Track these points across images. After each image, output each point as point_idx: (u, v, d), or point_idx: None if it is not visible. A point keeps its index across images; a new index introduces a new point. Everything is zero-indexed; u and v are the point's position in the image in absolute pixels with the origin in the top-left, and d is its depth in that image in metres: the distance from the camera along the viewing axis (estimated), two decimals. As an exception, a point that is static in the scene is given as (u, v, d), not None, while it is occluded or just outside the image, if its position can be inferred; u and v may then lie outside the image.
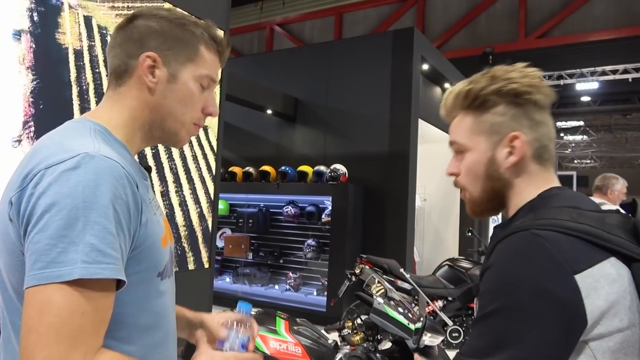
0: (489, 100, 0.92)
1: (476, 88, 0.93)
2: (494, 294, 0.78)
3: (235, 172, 6.78)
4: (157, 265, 0.89)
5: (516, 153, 0.90)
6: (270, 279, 6.49)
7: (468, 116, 0.95)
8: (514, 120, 0.91)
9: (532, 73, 0.92)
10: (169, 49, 0.91)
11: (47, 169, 0.75)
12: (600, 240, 0.77)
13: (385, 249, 5.78)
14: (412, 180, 6.01)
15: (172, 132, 0.95)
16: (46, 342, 0.68)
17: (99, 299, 0.73)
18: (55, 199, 0.72)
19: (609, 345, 0.75)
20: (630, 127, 18.68)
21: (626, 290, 0.76)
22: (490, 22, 10.20)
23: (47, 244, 0.71)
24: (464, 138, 0.95)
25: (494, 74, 0.93)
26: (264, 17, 12.51)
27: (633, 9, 8.89)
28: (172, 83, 0.92)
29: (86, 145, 0.79)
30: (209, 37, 0.95)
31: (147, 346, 0.86)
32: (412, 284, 3.24)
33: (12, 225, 0.76)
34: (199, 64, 0.94)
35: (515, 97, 0.91)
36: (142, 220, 0.83)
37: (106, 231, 0.73)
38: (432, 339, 2.36)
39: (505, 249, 0.81)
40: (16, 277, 0.78)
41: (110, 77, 0.94)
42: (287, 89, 6.84)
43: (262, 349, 2.37)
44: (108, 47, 0.95)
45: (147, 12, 0.93)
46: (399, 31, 6.37)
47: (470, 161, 0.95)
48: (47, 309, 0.69)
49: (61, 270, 0.70)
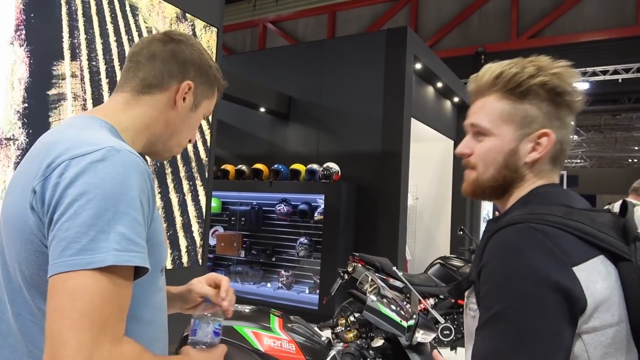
0: (532, 91, 0.88)
1: (522, 75, 0.88)
2: (500, 291, 0.77)
3: (227, 170, 6.77)
4: (161, 260, 0.92)
5: (540, 150, 0.89)
6: (262, 277, 6.49)
7: (503, 101, 0.91)
8: (548, 117, 0.89)
9: (575, 75, 0.89)
10: (201, 83, 1.03)
11: (72, 159, 0.77)
12: (592, 237, 0.79)
13: (377, 247, 5.80)
14: (405, 178, 6.04)
15: (170, 148, 1.04)
16: (79, 327, 0.69)
17: (124, 287, 0.75)
18: (85, 189, 0.74)
19: (601, 340, 0.76)
20: (619, 127, 18.88)
21: (615, 287, 0.78)
22: (482, 22, 10.27)
23: (78, 232, 0.72)
24: (490, 123, 0.91)
25: (540, 65, 0.89)
26: (257, 15, 12.48)
27: (623, 11, 9.00)
28: (192, 112, 1.03)
29: (108, 140, 0.82)
30: (221, 83, 1.09)
31: (149, 340, 0.87)
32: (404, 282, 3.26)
33: (34, 214, 0.77)
34: (211, 101, 1.08)
35: (557, 95, 0.88)
36: (155, 215, 0.86)
37: (135, 221, 0.77)
38: (425, 336, 2.38)
39: (502, 242, 0.81)
40: (31, 267, 0.79)
41: (134, 82, 0.97)
42: (280, 87, 6.83)
43: (256, 346, 2.37)
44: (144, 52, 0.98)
45: (187, 39, 1.03)
46: (392, 30, 6.38)
47: (490, 147, 0.91)
48: (80, 294, 0.70)
49: (93, 257, 0.72)
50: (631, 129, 18.86)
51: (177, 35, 1.02)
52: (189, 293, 1.12)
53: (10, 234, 0.82)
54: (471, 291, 0.85)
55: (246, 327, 2.43)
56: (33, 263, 0.79)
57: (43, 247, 0.77)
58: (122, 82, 0.99)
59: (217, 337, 0.98)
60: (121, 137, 0.92)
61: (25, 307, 0.81)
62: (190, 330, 0.98)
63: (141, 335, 0.86)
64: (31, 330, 0.81)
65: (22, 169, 0.86)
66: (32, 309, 0.81)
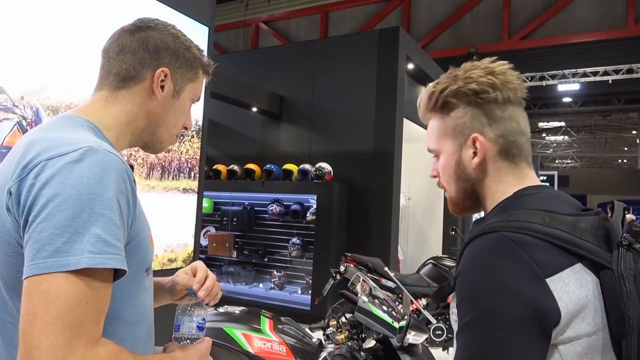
0: (450, 102, 0.91)
1: (437, 90, 0.93)
2: (470, 302, 0.77)
3: (219, 170, 6.74)
4: (146, 260, 0.90)
5: (479, 154, 0.90)
6: (254, 278, 6.47)
7: (435, 119, 0.96)
8: (474, 120, 0.90)
9: (497, 68, 0.90)
10: (179, 67, 0.98)
11: (49, 160, 0.76)
12: (570, 245, 0.77)
13: (369, 248, 5.80)
14: (397, 179, 6.04)
15: (160, 139, 1.02)
16: (52, 330, 0.68)
17: (100, 289, 0.74)
18: (60, 190, 0.73)
19: (577, 350, 0.75)
20: (609, 128, 19.07)
21: (593, 296, 0.76)
22: (474, 23, 10.31)
23: (52, 234, 0.71)
24: (434, 142, 0.96)
25: (456, 74, 0.92)
26: (250, 14, 12.45)
27: (614, 12, 9.07)
28: (175, 98, 0.99)
29: (87, 140, 0.80)
30: (204, 62, 1.04)
31: (133, 341, 0.86)
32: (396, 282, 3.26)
33: (10, 216, 0.76)
34: (196, 84, 1.03)
35: (475, 96, 0.89)
36: (137, 214, 0.85)
37: (111, 223, 0.75)
38: (416, 337, 2.38)
39: (475, 253, 0.80)
40: (9, 269, 0.78)
41: (110, 78, 0.95)
42: (272, 87, 6.81)
43: (246, 348, 2.36)
44: (114, 45, 0.96)
45: (158, 24, 0.99)
46: (385, 30, 6.39)
47: (442, 164, 0.95)
48: (54, 297, 0.69)
49: (67, 259, 0.70)
50: (621, 129, 19.06)
51: (146, 22, 0.98)
52: (174, 285, 1.10)
53: None
54: (454, 296, 0.85)
55: (236, 329, 2.41)
56: (11, 265, 0.78)
57: (20, 248, 0.76)
58: (99, 80, 0.97)
59: (202, 331, 0.96)
60: (104, 136, 0.91)
61: (5, 309, 0.80)
62: (174, 326, 0.97)
63: (125, 335, 0.85)
64: (10, 332, 0.79)
65: (1, 169, 0.85)
66: (11, 311, 0.80)
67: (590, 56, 10.09)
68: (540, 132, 19.14)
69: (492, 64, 0.91)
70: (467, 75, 0.90)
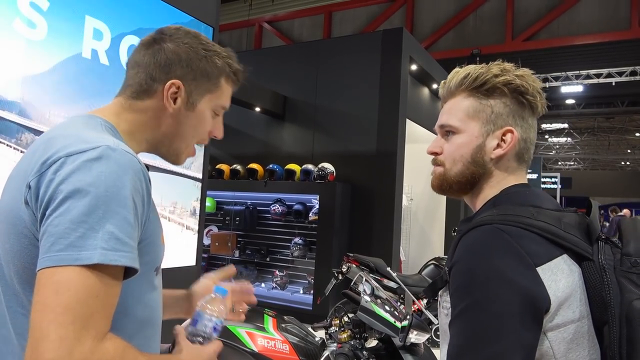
0: (498, 89, 0.94)
1: (487, 74, 0.94)
2: (465, 290, 0.81)
3: (222, 169, 6.75)
4: (156, 259, 0.92)
5: (505, 146, 0.93)
6: (256, 277, 6.48)
7: (470, 98, 0.96)
8: (512, 115, 0.94)
9: (537, 80, 0.96)
10: (193, 79, 0.96)
11: (68, 157, 0.77)
12: (557, 237, 0.83)
13: (371, 248, 5.81)
14: (399, 179, 6.05)
15: (177, 152, 1.01)
16: (62, 321, 0.69)
17: (110, 286, 0.75)
18: (78, 186, 0.74)
19: (564, 336, 0.80)
20: (612, 130, 19.01)
21: (577, 285, 0.82)
22: (478, 24, 10.30)
23: (67, 228, 0.73)
24: (459, 121, 0.96)
25: (505, 67, 0.95)
26: (253, 14, 12.46)
27: (617, 14, 9.05)
28: (190, 111, 0.97)
29: (106, 139, 0.82)
30: (230, 70, 1.01)
31: (142, 339, 0.88)
32: (398, 282, 3.28)
33: (28, 209, 0.78)
34: (217, 94, 1.00)
35: (520, 94, 0.94)
36: (150, 214, 0.86)
37: (125, 221, 0.76)
38: (418, 336, 2.39)
39: (470, 244, 0.84)
40: (22, 261, 0.80)
41: (127, 90, 0.97)
42: (275, 87, 6.82)
43: (250, 346, 2.37)
44: (131, 59, 0.98)
45: (175, 34, 0.97)
46: (388, 31, 6.39)
47: (459, 143, 0.95)
48: (65, 289, 0.71)
49: (80, 254, 0.72)
50: (624, 132, 19.00)
51: (164, 33, 0.97)
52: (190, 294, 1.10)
53: (4, 227, 0.83)
54: (445, 289, 0.88)
55: (240, 327, 2.42)
56: (26, 257, 0.80)
57: (36, 240, 0.77)
58: (122, 87, 1.00)
59: (216, 333, 0.96)
60: (121, 137, 0.92)
61: (17, 300, 0.82)
62: (192, 320, 0.97)
63: (134, 333, 0.86)
64: (22, 323, 0.81)
65: (20, 164, 0.87)
66: (23, 302, 0.81)
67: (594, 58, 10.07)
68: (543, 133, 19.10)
69: (532, 75, 0.96)
70: (521, 74, 0.94)
